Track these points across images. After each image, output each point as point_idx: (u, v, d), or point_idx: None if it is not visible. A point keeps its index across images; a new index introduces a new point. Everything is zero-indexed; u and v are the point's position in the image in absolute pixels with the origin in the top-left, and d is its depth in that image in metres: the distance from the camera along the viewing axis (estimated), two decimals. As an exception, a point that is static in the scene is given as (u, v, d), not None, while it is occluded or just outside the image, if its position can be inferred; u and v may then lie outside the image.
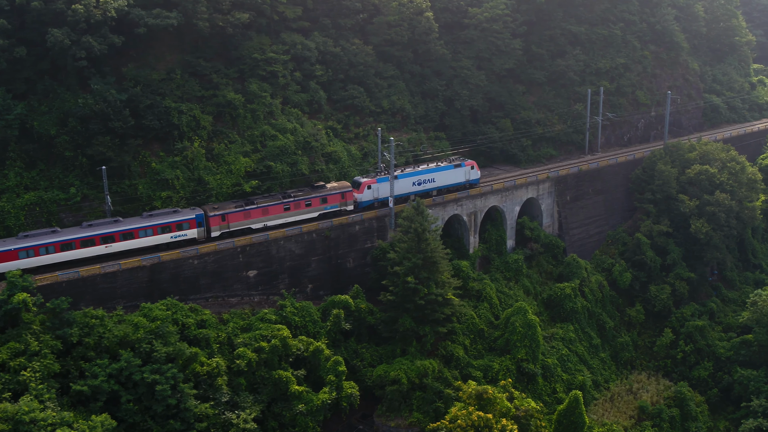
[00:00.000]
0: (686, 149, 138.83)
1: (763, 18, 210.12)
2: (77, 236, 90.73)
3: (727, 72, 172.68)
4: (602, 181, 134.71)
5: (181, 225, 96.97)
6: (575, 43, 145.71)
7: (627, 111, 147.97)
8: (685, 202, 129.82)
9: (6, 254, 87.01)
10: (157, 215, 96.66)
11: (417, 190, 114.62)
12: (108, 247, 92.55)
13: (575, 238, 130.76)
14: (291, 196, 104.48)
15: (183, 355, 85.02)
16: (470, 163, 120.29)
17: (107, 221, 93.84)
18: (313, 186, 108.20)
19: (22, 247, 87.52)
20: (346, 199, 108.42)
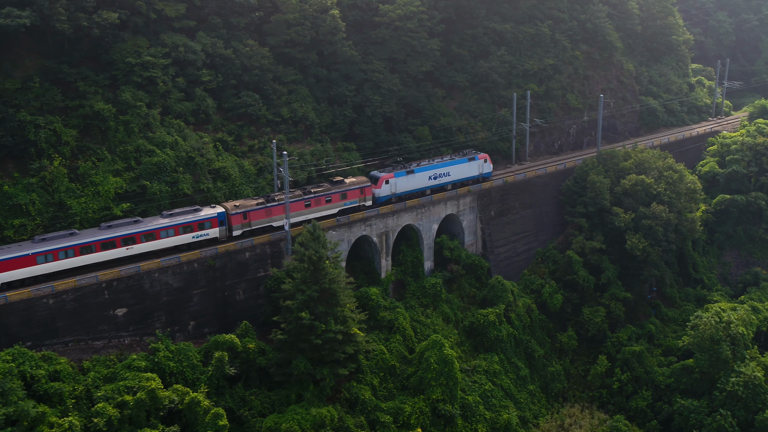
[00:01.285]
0: (621, 157, 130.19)
1: (701, 15, 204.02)
2: (97, 238, 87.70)
3: (665, 73, 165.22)
4: (530, 193, 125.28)
5: (203, 224, 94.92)
6: (500, 43, 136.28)
7: (557, 116, 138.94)
8: (619, 216, 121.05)
9: (24, 259, 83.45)
10: (178, 214, 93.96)
11: (433, 184, 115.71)
12: (129, 249, 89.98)
13: (501, 257, 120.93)
14: (311, 192, 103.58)
15: (27, 416, 72.98)
16: (483, 156, 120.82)
17: (127, 221, 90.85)
18: (333, 181, 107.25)
19: (41, 252, 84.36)
20: (365, 194, 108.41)
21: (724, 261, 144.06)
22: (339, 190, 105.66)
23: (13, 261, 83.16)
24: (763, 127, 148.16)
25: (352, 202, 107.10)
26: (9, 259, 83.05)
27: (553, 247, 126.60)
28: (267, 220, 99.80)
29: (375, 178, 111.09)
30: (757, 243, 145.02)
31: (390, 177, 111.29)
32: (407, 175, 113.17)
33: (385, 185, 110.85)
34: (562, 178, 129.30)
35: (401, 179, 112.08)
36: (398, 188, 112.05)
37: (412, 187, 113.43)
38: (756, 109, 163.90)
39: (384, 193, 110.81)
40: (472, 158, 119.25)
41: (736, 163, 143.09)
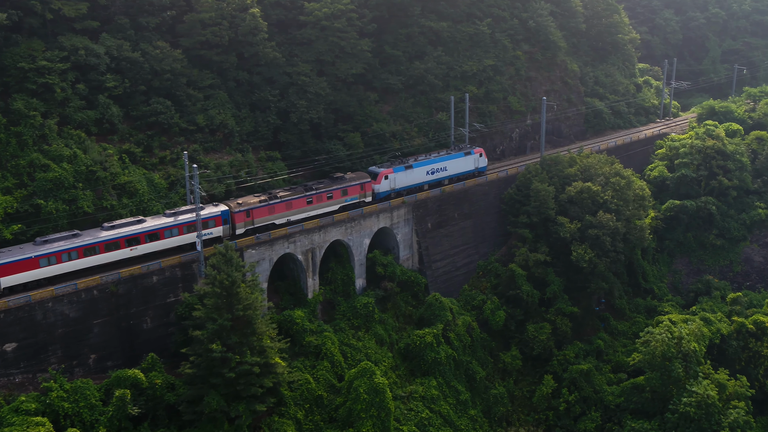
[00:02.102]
0: (566, 163, 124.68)
1: (647, 14, 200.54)
2: (101, 239, 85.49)
3: (611, 73, 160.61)
4: (470, 203, 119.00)
5: (206, 223, 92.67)
6: (436, 43, 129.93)
7: (498, 120, 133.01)
8: (565, 226, 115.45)
9: (26, 263, 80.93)
10: (181, 213, 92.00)
11: (430, 179, 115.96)
12: (133, 250, 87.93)
13: (439, 271, 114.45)
14: (313, 189, 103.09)
15: None
16: (479, 150, 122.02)
17: (131, 221, 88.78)
18: (333, 177, 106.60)
19: (44, 254, 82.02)
20: (365, 190, 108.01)
21: (675, 269, 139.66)
22: (340, 186, 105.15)
23: (15, 264, 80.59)
24: (711, 129, 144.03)
25: (352, 198, 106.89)
26: (11, 262, 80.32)
27: (496, 259, 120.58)
28: (270, 218, 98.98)
29: (374, 173, 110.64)
30: (708, 249, 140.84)
31: (389, 172, 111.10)
32: (406, 170, 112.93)
33: (385, 181, 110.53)
34: (504, 186, 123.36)
35: (400, 174, 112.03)
36: (397, 183, 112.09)
37: (410, 182, 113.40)
38: (704, 110, 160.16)
39: (383, 188, 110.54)
40: (468, 153, 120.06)
41: (686, 167, 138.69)
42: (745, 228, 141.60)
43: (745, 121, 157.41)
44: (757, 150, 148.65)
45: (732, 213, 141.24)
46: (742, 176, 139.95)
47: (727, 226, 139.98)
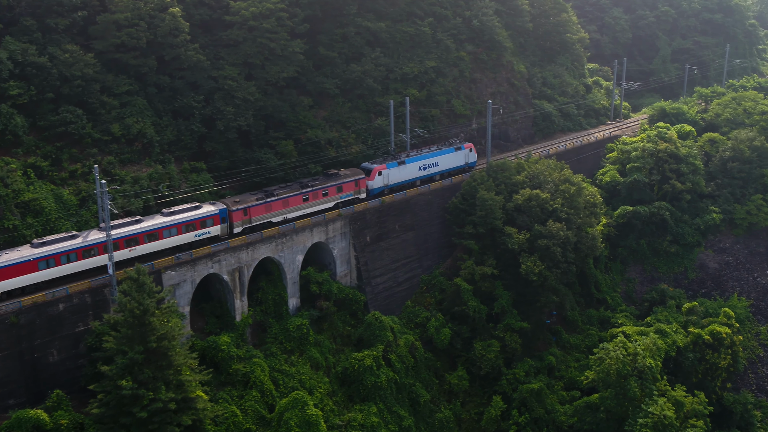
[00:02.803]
0: (513, 170, 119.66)
1: (596, 12, 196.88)
2: (100, 240, 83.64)
3: (559, 74, 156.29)
4: (412, 214, 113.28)
5: (205, 222, 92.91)
6: (374, 44, 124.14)
7: (442, 124, 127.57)
8: (513, 237, 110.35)
9: (24, 266, 78.98)
10: (179, 212, 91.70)
11: (423, 175, 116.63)
12: (132, 251, 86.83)
13: (380, 288, 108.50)
14: (309, 186, 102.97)
15: None
16: (469, 145, 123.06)
17: (129, 221, 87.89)
18: (328, 174, 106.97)
19: (42, 256, 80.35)
20: (359, 186, 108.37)
21: (629, 277, 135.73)
22: (335, 183, 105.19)
23: (15, 267, 78.69)
24: (663, 132, 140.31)
25: (347, 194, 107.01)
26: (11, 265, 78.37)
27: (440, 273, 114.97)
28: (267, 216, 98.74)
29: (368, 169, 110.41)
30: (662, 256, 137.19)
31: (383, 168, 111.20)
32: (399, 165, 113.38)
33: (378, 177, 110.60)
34: (449, 195, 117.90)
35: (393, 170, 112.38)
36: (390, 179, 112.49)
37: (403, 178, 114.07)
38: (656, 112, 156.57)
39: (377, 184, 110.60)
40: (458, 148, 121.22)
41: (638, 172, 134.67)
42: (699, 233, 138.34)
43: (698, 122, 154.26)
44: (710, 152, 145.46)
45: (686, 218, 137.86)
46: (695, 180, 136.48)
47: (681, 231, 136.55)
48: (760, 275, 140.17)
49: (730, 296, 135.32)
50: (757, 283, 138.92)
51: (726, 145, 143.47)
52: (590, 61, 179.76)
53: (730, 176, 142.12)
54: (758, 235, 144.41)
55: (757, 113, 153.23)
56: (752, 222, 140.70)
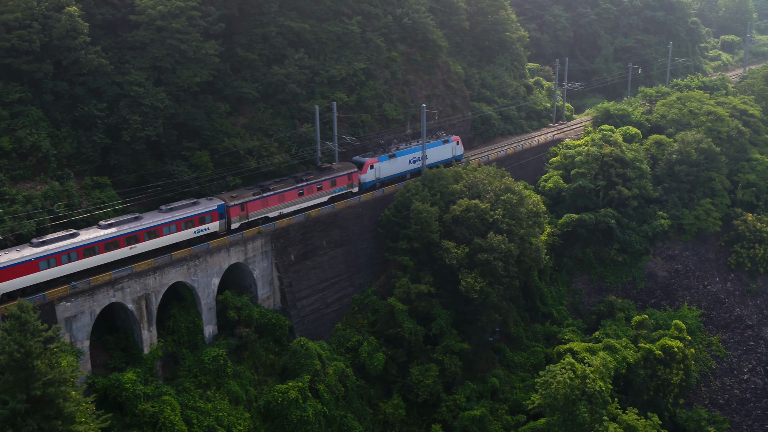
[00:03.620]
0: (450, 178, 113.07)
1: (536, 10, 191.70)
2: (101, 238, 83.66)
3: (499, 74, 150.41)
4: (341, 228, 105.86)
5: (203, 218, 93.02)
6: (298, 45, 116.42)
7: (373, 130, 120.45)
8: (450, 251, 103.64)
9: (25, 266, 77.59)
10: (177, 208, 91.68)
11: (412, 168, 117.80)
12: (132, 249, 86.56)
13: (306, 310, 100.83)
14: (304, 180, 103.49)
15: None
16: (455, 138, 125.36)
17: (128, 218, 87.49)
18: (321, 168, 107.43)
19: (43, 256, 79.28)
20: (352, 180, 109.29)
21: (575, 288, 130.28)
22: (329, 177, 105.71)
23: (15, 268, 77.32)
24: (608, 135, 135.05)
25: (341, 189, 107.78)
26: (11, 265, 76.95)
27: (373, 292, 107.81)
28: (263, 211, 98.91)
29: (360, 163, 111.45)
30: (609, 266, 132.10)
31: (374, 162, 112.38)
32: (390, 159, 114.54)
33: (370, 170, 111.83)
34: (381, 207, 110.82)
35: (384, 164, 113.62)
36: (382, 173, 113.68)
37: (394, 171, 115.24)
38: (599, 113, 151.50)
39: (369, 178, 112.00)
40: (446, 141, 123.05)
41: (582, 178, 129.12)
42: (647, 240, 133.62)
43: (643, 124, 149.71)
44: (656, 155, 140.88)
45: (633, 225, 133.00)
46: (642, 185, 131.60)
47: (628, 239, 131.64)
48: (710, 283, 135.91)
49: (681, 306, 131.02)
50: (707, 292, 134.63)
51: (673, 148, 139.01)
52: (531, 61, 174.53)
53: (677, 180, 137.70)
54: (707, 240, 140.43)
55: (703, 114, 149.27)
56: (701, 227, 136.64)
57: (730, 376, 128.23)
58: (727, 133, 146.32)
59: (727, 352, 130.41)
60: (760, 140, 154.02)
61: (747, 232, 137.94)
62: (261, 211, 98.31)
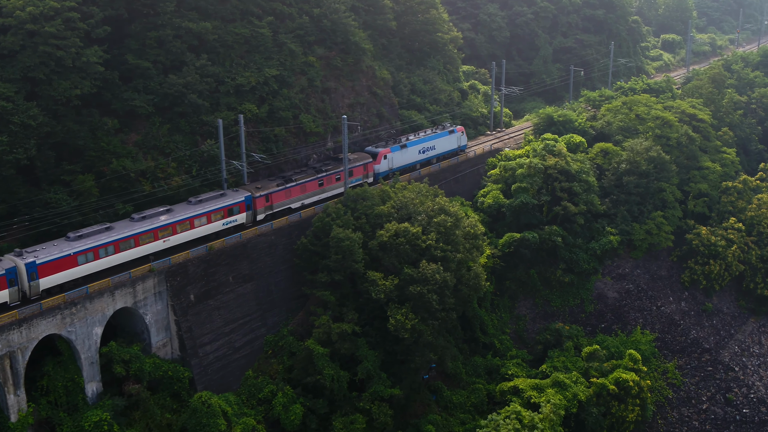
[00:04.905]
0: (376, 199, 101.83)
1: (469, 9, 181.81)
2: (136, 232, 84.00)
3: (430, 79, 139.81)
4: (251, 260, 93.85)
5: (231, 210, 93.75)
6: (200, 50, 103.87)
7: (289, 145, 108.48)
8: (377, 284, 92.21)
9: (67, 260, 77.93)
10: (206, 200, 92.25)
11: (422, 158, 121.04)
12: (166, 242, 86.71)
13: (210, 358, 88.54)
14: (323, 171, 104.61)
15: None
16: (460, 128, 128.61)
17: (160, 211, 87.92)
18: (338, 158, 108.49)
19: (81, 250, 79.57)
20: (367, 171, 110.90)
21: (518, 314, 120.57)
22: (346, 168, 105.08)
23: (58, 262, 77.89)
24: (551, 145, 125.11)
25: (357, 179, 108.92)
26: (54, 260, 77.58)
27: (289, 331, 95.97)
28: (287, 202, 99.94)
29: (374, 153, 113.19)
30: (555, 288, 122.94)
31: (387, 152, 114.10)
32: (401, 149, 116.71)
33: (384, 160, 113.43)
34: (298, 234, 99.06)
35: (397, 154, 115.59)
36: (394, 163, 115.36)
37: (405, 161, 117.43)
38: (541, 120, 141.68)
39: (383, 168, 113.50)
40: (451, 131, 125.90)
41: (524, 193, 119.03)
42: (595, 259, 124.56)
43: (587, 131, 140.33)
44: (603, 165, 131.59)
45: (580, 242, 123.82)
46: (589, 199, 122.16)
47: (575, 258, 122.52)
48: (663, 303, 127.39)
49: (633, 330, 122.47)
50: (661, 313, 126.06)
51: (621, 157, 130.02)
52: (465, 63, 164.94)
53: (626, 192, 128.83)
54: (658, 256, 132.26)
55: (651, 119, 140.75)
56: (652, 243, 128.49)
57: (688, 406, 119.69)
58: (677, 139, 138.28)
59: (684, 380, 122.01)
60: (711, 147, 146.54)
61: (701, 246, 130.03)
62: (284, 202, 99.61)
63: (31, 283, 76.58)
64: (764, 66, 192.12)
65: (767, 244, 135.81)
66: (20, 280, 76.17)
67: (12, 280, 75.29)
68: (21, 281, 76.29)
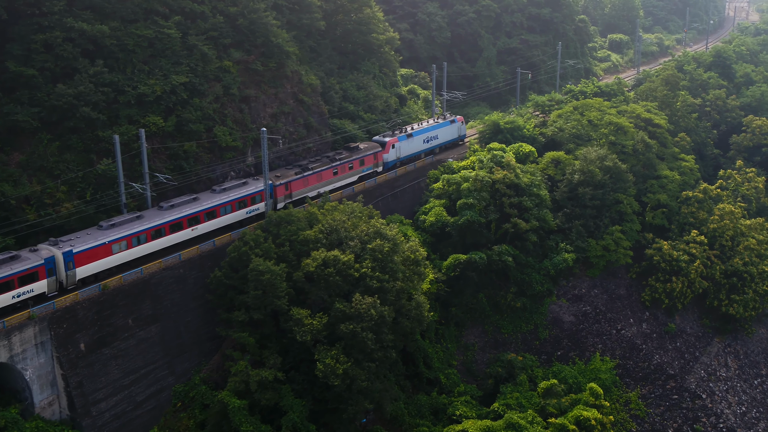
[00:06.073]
0: (303, 222, 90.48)
1: (407, 7, 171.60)
2: (166, 220, 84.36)
3: (365, 84, 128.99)
4: (154, 298, 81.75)
5: (254, 198, 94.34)
6: (95, 54, 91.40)
7: (201, 162, 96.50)
8: (303, 323, 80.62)
9: (101, 249, 78.42)
10: (230, 189, 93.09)
11: (426, 147, 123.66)
12: (194, 230, 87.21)
13: (107, 416, 76.39)
14: (337, 159, 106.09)
15: None
16: (460, 119, 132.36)
17: (187, 199, 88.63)
18: (350, 148, 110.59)
19: (115, 239, 79.91)
20: (377, 160, 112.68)
21: (466, 343, 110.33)
22: (358, 156, 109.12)
23: (94, 251, 77.98)
24: (499, 156, 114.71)
25: (368, 168, 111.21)
26: (90, 248, 77.59)
27: (202, 379, 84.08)
28: (304, 191, 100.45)
29: (382, 143, 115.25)
30: (506, 313, 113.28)
31: (395, 141, 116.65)
32: (408, 138, 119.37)
33: (392, 150, 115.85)
34: (212, 265, 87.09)
35: (404, 143, 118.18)
36: (402, 152, 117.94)
37: (411, 151, 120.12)
38: (487, 127, 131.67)
39: (391, 157, 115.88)
40: (452, 121, 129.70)
41: (470, 209, 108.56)
42: (549, 280, 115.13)
43: (537, 139, 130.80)
44: (555, 176, 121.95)
45: (532, 262, 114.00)
46: (542, 215, 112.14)
47: (527, 279, 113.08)
48: (624, 326, 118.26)
49: (592, 357, 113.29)
50: (621, 337, 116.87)
51: (574, 167, 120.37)
52: (404, 66, 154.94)
53: (581, 205, 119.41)
54: (617, 273, 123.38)
55: (604, 125, 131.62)
56: (610, 260, 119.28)
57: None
58: (633, 146, 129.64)
59: (649, 410, 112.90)
60: (668, 154, 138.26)
61: (662, 262, 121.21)
62: (302, 191, 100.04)
63: (68, 272, 76.50)
64: (717, 66, 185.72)
65: (730, 257, 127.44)
66: (57, 269, 76.01)
67: (51, 269, 75.32)
68: (58, 271, 76.11)
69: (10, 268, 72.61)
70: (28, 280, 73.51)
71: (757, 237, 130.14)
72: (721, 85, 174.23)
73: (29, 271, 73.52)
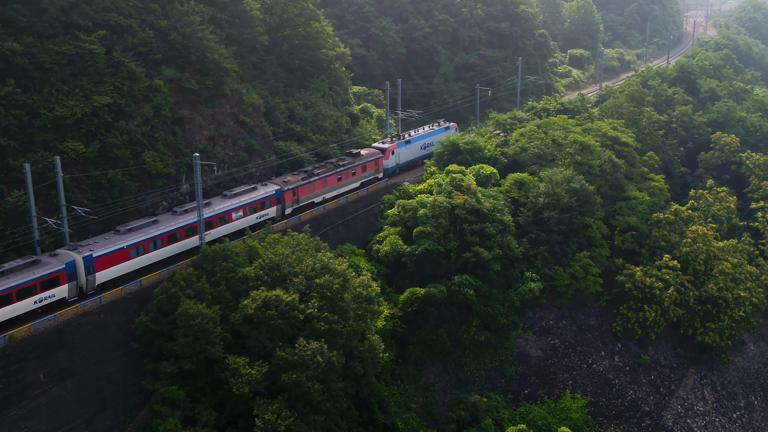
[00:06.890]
0: (241, 258, 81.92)
1: (359, 22, 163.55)
2: (181, 225, 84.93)
3: (313, 103, 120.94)
4: (71, 349, 72.56)
5: (264, 203, 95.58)
6: (7, 73, 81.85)
7: (129, 192, 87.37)
8: (240, 373, 71.92)
9: (119, 254, 78.52)
10: (240, 193, 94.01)
11: (423, 154, 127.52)
12: (207, 235, 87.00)
13: (12, 490, 66.51)
14: (340, 165, 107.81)
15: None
16: (454, 125, 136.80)
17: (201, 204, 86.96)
18: (351, 153, 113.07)
19: (133, 244, 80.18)
20: (378, 166, 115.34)
21: (426, 384, 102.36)
22: (361, 162, 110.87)
23: (113, 255, 78.01)
24: (459, 179, 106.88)
25: (370, 174, 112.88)
26: (109, 253, 77.64)
27: (128, 440, 74.61)
28: (310, 196, 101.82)
29: (382, 149, 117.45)
30: (468, 349, 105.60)
31: (394, 147, 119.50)
32: (406, 145, 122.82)
33: (392, 156, 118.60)
34: (137, 308, 78.04)
35: (402, 149, 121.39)
36: (401, 158, 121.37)
37: (409, 157, 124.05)
38: (445, 148, 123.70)
39: (391, 164, 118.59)
40: (447, 128, 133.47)
41: (428, 238, 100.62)
42: (514, 312, 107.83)
43: (499, 159, 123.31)
44: (519, 198, 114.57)
45: (495, 293, 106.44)
46: (505, 242, 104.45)
47: (491, 312, 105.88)
48: (595, 359, 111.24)
49: (562, 394, 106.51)
50: (593, 372, 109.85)
51: (538, 189, 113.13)
52: (356, 84, 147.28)
53: (546, 230, 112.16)
54: (585, 302, 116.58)
55: (569, 144, 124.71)
56: (579, 288, 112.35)
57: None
58: (600, 166, 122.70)
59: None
60: (636, 173, 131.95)
61: (634, 290, 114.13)
62: (309, 196, 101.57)
63: (88, 277, 76.34)
64: (681, 82, 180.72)
65: (704, 282, 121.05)
66: (78, 274, 75.73)
67: (71, 274, 75.01)
68: (79, 276, 75.86)
69: (32, 272, 71.97)
70: (50, 285, 73.07)
71: (731, 260, 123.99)
72: (687, 101, 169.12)
73: (51, 276, 73.07)
